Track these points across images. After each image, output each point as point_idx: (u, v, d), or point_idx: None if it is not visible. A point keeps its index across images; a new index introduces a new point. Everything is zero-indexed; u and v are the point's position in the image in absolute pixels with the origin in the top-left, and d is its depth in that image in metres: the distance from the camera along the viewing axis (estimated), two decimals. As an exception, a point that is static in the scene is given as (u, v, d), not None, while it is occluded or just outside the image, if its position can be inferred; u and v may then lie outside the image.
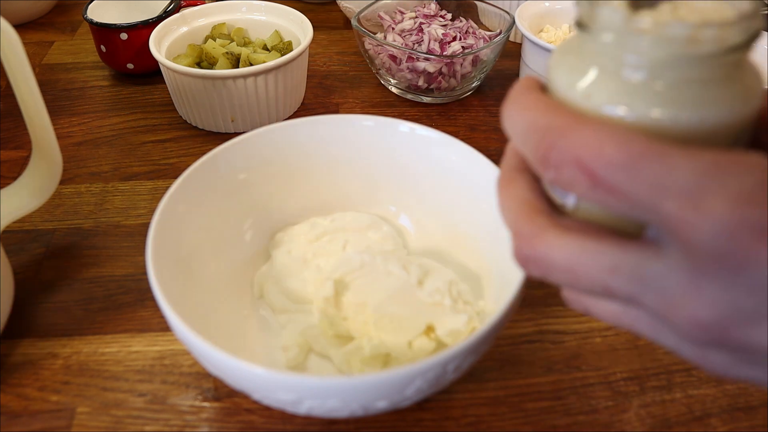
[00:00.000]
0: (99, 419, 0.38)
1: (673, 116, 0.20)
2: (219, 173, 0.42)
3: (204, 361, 0.33)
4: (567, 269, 0.21)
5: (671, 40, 0.20)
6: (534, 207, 0.23)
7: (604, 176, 0.19)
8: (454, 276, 0.41)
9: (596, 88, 0.21)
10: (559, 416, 0.38)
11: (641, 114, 0.20)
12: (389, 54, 0.63)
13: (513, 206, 0.23)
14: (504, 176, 0.25)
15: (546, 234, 0.22)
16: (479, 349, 0.32)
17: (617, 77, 0.21)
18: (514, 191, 0.24)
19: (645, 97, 0.20)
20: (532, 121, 0.21)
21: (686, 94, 0.20)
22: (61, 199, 0.53)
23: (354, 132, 0.45)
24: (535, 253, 0.22)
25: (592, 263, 0.21)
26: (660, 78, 0.20)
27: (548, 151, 0.20)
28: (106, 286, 0.46)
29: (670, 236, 0.19)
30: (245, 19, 0.67)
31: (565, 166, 0.20)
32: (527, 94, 0.22)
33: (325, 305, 0.39)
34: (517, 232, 0.23)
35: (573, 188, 0.20)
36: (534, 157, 0.21)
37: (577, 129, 0.20)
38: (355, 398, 0.30)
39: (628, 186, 0.19)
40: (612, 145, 0.19)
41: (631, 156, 0.19)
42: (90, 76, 0.70)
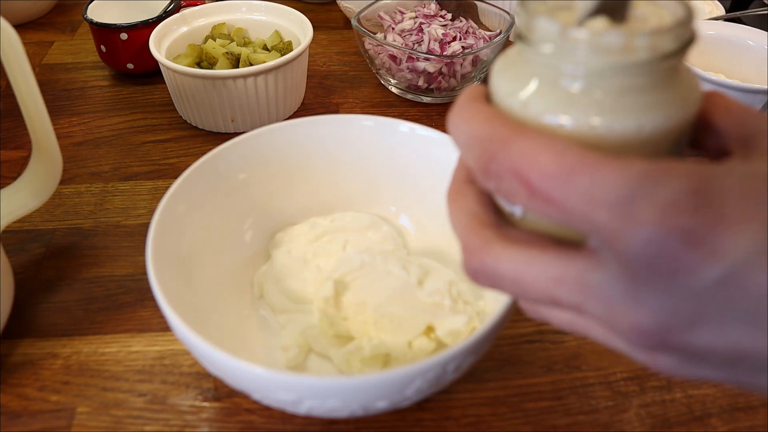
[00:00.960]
0: (99, 419, 0.38)
1: (609, 124, 0.20)
2: (219, 173, 0.42)
3: (204, 361, 0.33)
4: (514, 281, 0.22)
5: (605, 49, 0.20)
6: (481, 220, 0.23)
7: (540, 187, 0.20)
8: (454, 276, 0.41)
9: (535, 98, 0.22)
10: (559, 416, 0.38)
11: (579, 123, 0.21)
12: (389, 54, 0.63)
13: (461, 219, 0.24)
14: (453, 188, 0.25)
15: (493, 246, 0.22)
16: (479, 349, 0.32)
17: (556, 86, 0.21)
18: (462, 203, 0.24)
19: (582, 105, 0.21)
20: (474, 132, 0.21)
21: (623, 102, 0.21)
22: (61, 199, 0.53)
23: (354, 132, 0.45)
24: (483, 265, 0.22)
25: (537, 274, 0.21)
26: (596, 86, 0.21)
27: (489, 161, 0.21)
28: (106, 286, 0.46)
29: (606, 246, 0.20)
30: (245, 19, 0.67)
31: (504, 177, 0.20)
32: (470, 104, 0.22)
33: (325, 305, 0.39)
34: (465, 245, 0.23)
35: (513, 198, 0.21)
36: (476, 167, 0.22)
37: (516, 139, 0.20)
38: (355, 398, 0.30)
39: (563, 197, 0.19)
40: (547, 156, 0.19)
41: (564, 167, 0.19)
42: (90, 76, 0.70)
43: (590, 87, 0.21)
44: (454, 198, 0.25)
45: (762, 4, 0.75)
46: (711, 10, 0.72)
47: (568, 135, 0.21)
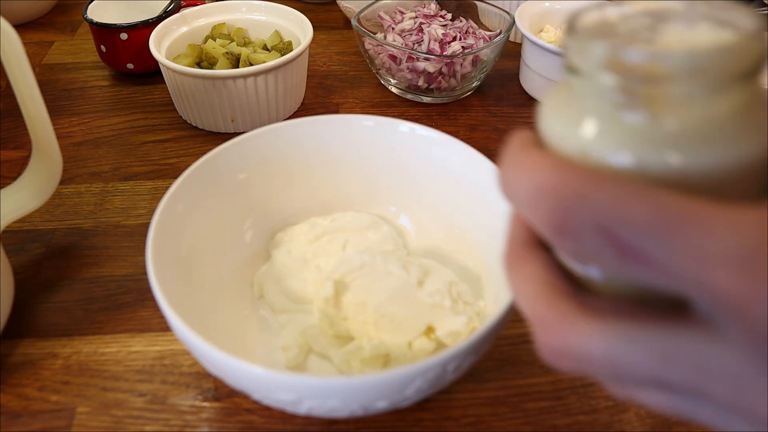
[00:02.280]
0: (99, 419, 0.38)
1: (689, 160, 0.17)
2: (219, 173, 0.42)
3: (204, 361, 0.33)
4: (608, 361, 0.18)
5: (691, 72, 0.17)
6: (554, 288, 0.20)
7: (634, 245, 0.16)
8: (454, 276, 0.41)
9: (598, 137, 0.19)
10: (559, 416, 0.38)
11: (656, 161, 0.17)
12: (389, 54, 0.63)
13: (529, 290, 0.20)
14: (512, 254, 0.21)
15: (575, 322, 0.18)
16: (479, 350, 0.32)
17: (622, 122, 0.18)
18: (527, 271, 0.20)
19: (652, 140, 0.18)
20: (539, 184, 0.18)
21: (704, 133, 0.17)
22: (61, 199, 0.53)
23: (354, 132, 0.45)
24: (566, 345, 0.18)
25: (638, 353, 0.17)
26: (667, 118, 0.18)
27: (564, 217, 0.17)
28: (106, 286, 0.46)
29: (725, 313, 0.16)
30: (245, 19, 0.67)
31: (586, 235, 0.17)
32: (525, 152, 0.19)
33: (325, 305, 0.39)
34: (538, 321, 0.19)
35: (598, 260, 0.17)
36: (547, 226, 0.18)
37: (595, 188, 0.17)
38: (355, 398, 0.30)
39: (665, 256, 0.16)
40: (640, 207, 0.16)
41: (663, 219, 0.16)
42: (90, 76, 0.70)
43: (659, 119, 0.18)
44: (515, 265, 0.21)
45: (762, 4, 0.75)
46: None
47: (645, 178, 0.18)
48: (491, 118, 0.64)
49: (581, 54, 0.19)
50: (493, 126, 0.63)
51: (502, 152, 0.20)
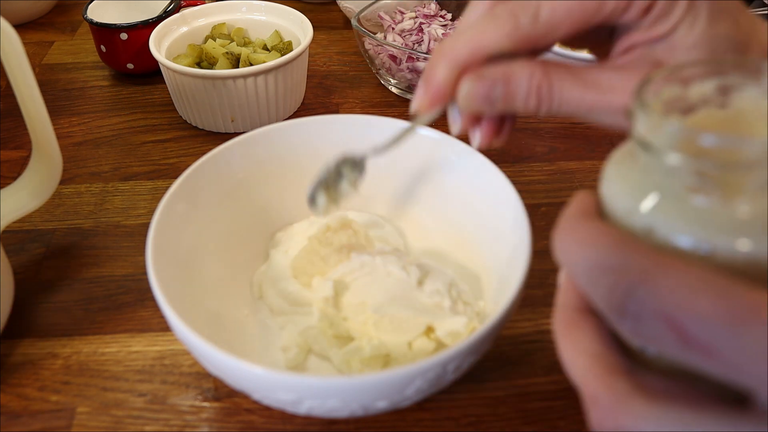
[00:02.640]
0: (99, 419, 0.38)
1: (759, 247, 0.17)
2: (219, 173, 0.42)
3: (204, 361, 0.33)
4: None
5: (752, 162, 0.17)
6: (608, 364, 0.19)
7: (699, 336, 0.16)
8: (454, 276, 0.41)
9: (665, 216, 0.18)
10: (559, 416, 0.38)
11: (724, 247, 0.17)
12: (389, 54, 0.63)
13: (582, 363, 0.20)
14: (564, 320, 0.21)
15: (631, 404, 0.18)
16: (479, 350, 0.32)
17: (692, 204, 0.18)
18: (580, 342, 0.20)
19: (723, 225, 0.17)
20: (600, 260, 0.18)
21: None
22: (61, 199, 0.53)
23: (354, 132, 0.45)
24: (620, 427, 0.18)
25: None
26: (741, 204, 0.17)
27: (625, 298, 0.17)
28: (106, 286, 0.46)
29: None
30: (245, 19, 0.67)
31: (647, 319, 0.17)
32: (585, 223, 0.19)
33: (325, 305, 0.39)
34: (592, 399, 0.19)
35: (656, 344, 0.17)
36: (606, 304, 0.18)
37: (660, 274, 0.16)
38: (355, 398, 0.30)
39: (730, 350, 0.16)
40: (707, 299, 0.16)
41: (732, 315, 0.16)
42: (90, 76, 0.70)
43: (739, 204, 0.17)
44: (568, 333, 0.21)
45: (762, 4, 0.75)
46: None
47: (709, 261, 0.17)
48: (491, 118, 0.64)
49: (653, 130, 0.18)
50: (493, 126, 0.62)
51: (561, 216, 0.19)
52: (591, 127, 0.62)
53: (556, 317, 0.22)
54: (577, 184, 0.54)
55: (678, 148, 0.18)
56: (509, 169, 0.42)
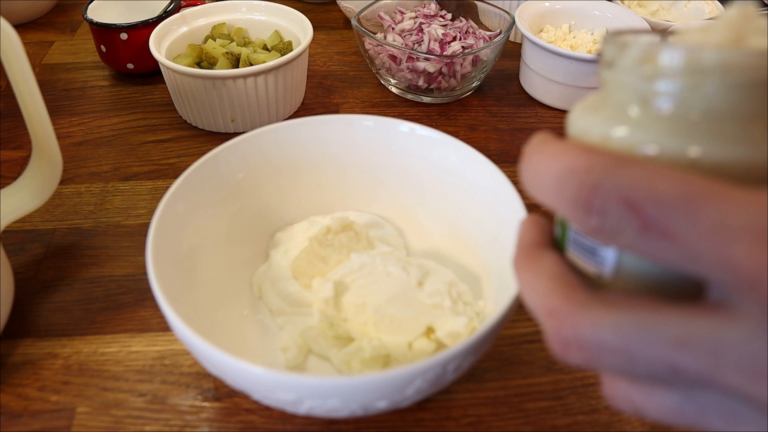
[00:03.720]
0: (99, 419, 0.38)
1: (708, 152, 0.18)
2: (219, 173, 0.42)
3: (204, 361, 0.33)
4: (621, 350, 0.18)
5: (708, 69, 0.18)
6: (566, 281, 0.20)
7: (658, 217, 0.17)
8: (454, 277, 0.41)
9: (626, 129, 0.20)
10: (559, 416, 0.38)
11: (674, 150, 0.18)
12: (389, 54, 0.63)
13: (541, 283, 0.20)
14: (522, 254, 0.22)
15: (588, 309, 0.18)
16: (479, 350, 0.32)
17: (645, 112, 0.20)
18: (540, 267, 0.21)
19: (677, 132, 0.19)
20: (567, 165, 0.18)
21: (728, 127, 0.18)
22: (61, 199, 0.53)
23: (354, 132, 0.45)
24: (579, 334, 0.18)
25: (652, 338, 0.17)
26: (699, 112, 0.19)
27: (591, 193, 0.17)
28: (106, 286, 0.46)
29: (744, 292, 0.16)
30: (245, 19, 0.67)
31: (611, 209, 0.17)
32: (551, 143, 0.19)
33: (325, 306, 0.39)
34: (550, 311, 0.19)
35: (620, 235, 0.17)
36: (572, 204, 0.18)
37: (624, 166, 0.17)
38: (356, 398, 0.30)
39: (686, 229, 0.16)
40: (666, 181, 0.17)
41: (688, 194, 0.16)
42: (90, 76, 0.70)
43: (693, 111, 0.19)
44: (526, 263, 0.21)
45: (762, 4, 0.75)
46: (711, 10, 0.72)
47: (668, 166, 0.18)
48: (491, 118, 0.64)
49: (620, 49, 0.20)
50: (493, 126, 0.63)
51: (526, 146, 0.20)
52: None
53: (515, 256, 0.22)
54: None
55: (640, 61, 0.20)
56: (509, 169, 0.42)
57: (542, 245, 0.22)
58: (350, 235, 0.43)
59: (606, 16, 0.68)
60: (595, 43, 0.66)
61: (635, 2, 0.74)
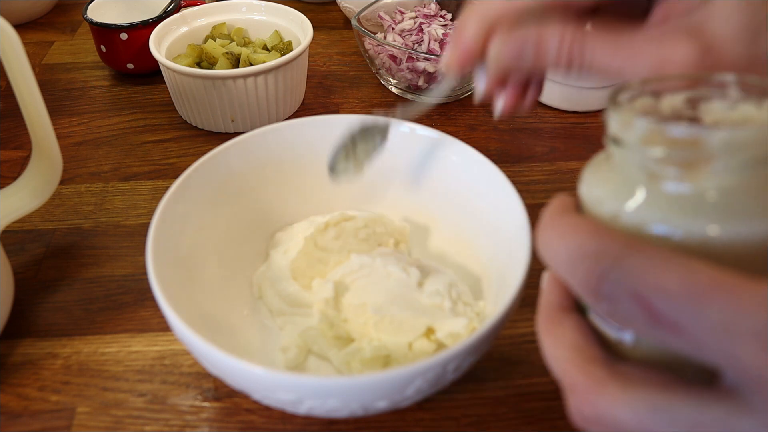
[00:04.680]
0: (99, 419, 0.38)
1: (723, 230, 0.18)
2: (219, 173, 0.42)
3: (204, 361, 0.33)
4: (637, 429, 0.18)
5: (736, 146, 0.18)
6: (586, 354, 0.20)
7: (666, 313, 0.17)
8: (454, 277, 0.41)
9: (637, 206, 0.19)
10: (559, 416, 0.38)
11: (694, 232, 0.18)
12: (389, 54, 0.63)
13: (563, 355, 0.21)
14: (546, 317, 0.22)
15: (606, 388, 0.19)
16: (479, 350, 0.32)
17: (661, 192, 0.19)
18: (560, 334, 0.21)
19: (688, 210, 0.19)
20: (577, 248, 0.19)
21: (740, 204, 0.18)
22: (61, 199, 0.53)
23: (354, 132, 0.45)
24: (597, 412, 0.19)
25: (667, 421, 0.18)
26: (706, 190, 0.18)
27: (600, 281, 0.18)
28: (106, 286, 0.46)
29: (752, 385, 0.17)
30: (245, 19, 0.67)
31: (620, 300, 0.18)
32: (564, 217, 0.20)
33: (326, 306, 0.39)
34: (571, 386, 0.20)
35: (630, 324, 0.18)
36: (583, 288, 0.19)
37: (631, 255, 0.18)
38: (356, 398, 0.30)
39: (694, 325, 0.17)
40: (673, 276, 0.17)
41: (695, 289, 0.16)
42: (90, 76, 0.70)
43: (701, 192, 0.18)
44: (550, 328, 0.22)
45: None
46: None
47: (680, 247, 0.18)
48: (491, 118, 0.64)
49: (624, 127, 0.20)
50: (493, 126, 0.63)
51: (542, 215, 0.21)
52: (591, 127, 0.62)
53: (539, 317, 0.23)
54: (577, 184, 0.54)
55: (647, 141, 0.19)
56: (509, 169, 0.42)
57: (565, 308, 0.22)
58: (348, 234, 0.43)
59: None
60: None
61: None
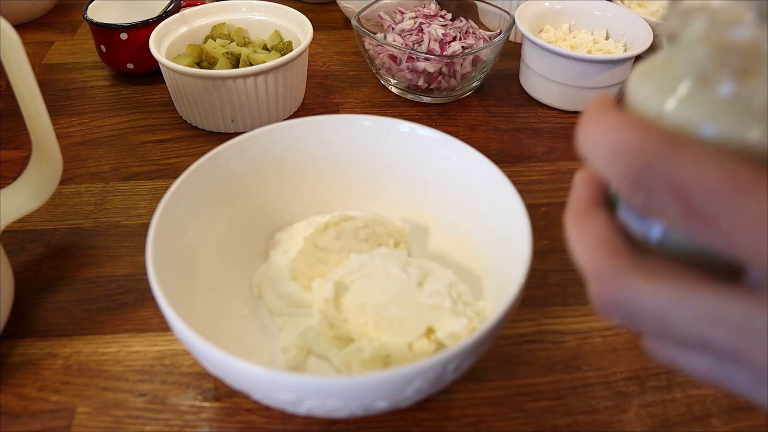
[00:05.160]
0: (99, 419, 0.38)
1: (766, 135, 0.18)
2: (219, 173, 0.42)
3: (204, 361, 0.33)
4: (657, 318, 0.19)
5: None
6: (613, 246, 0.21)
7: (703, 206, 0.17)
8: (454, 277, 0.41)
9: (681, 103, 0.20)
10: (559, 416, 0.38)
11: (733, 134, 0.19)
12: (389, 54, 0.63)
13: (589, 244, 0.21)
14: (576, 211, 0.23)
15: (630, 277, 0.20)
16: (479, 350, 0.32)
17: (705, 91, 0.19)
18: (590, 228, 0.22)
19: (736, 113, 0.19)
20: (620, 141, 0.19)
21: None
22: (61, 199, 0.53)
23: (354, 132, 0.45)
24: (621, 297, 0.20)
25: (687, 312, 0.19)
26: (760, 96, 0.19)
27: (640, 172, 0.18)
28: (106, 286, 0.46)
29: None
30: (245, 19, 0.67)
31: (657, 191, 0.18)
32: (608, 113, 0.20)
33: (325, 306, 0.39)
34: (596, 273, 0.21)
35: (663, 215, 0.19)
36: (622, 180, 0.19)
37: (675, 150, 0.18)
38: (356, 398, 0.30)
39: (729, 220, 0.17)
40: (714, 171, 0.17)
41: (734, 187, 0.17)
42: (90, 76, 0.70)
43: (754, 93, 0.19)
44: (577, 222, 0.22)
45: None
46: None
47: (722, 148, 0.19)
48: (491, 118, 0.64)
49: (684, 24, 0.20)
50: (493, 126, 0.63)
51: (584, 110, 0.21)
52: (591, 127, 0.62)
53: (567, 212, 0.23)
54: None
55: (705, 41, 0.19)
56: (509, 169, 0.42)
57: (594, 204, 0.22)
58: (348, 234, 0.43)
59: (606, 16, 0.68)
60: (595, 43, 0.65)
61: (635, 2, 0.74)
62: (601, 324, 0.43)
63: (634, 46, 0.63)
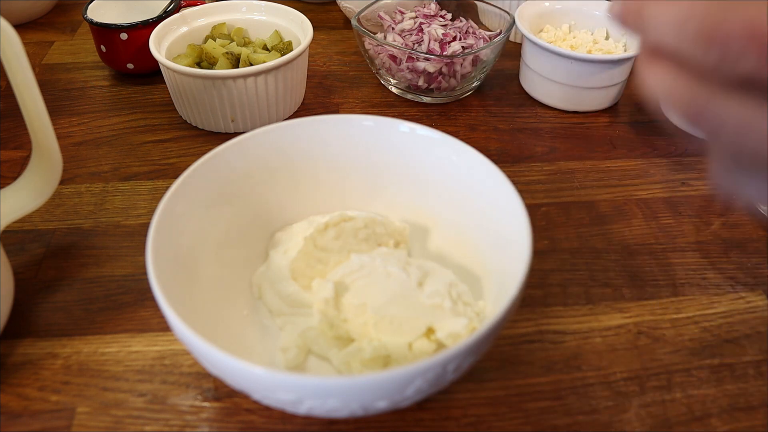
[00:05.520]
0: (99, 419, 0.38)
1: None
2: (219, 173, 0.42)
3: (204, 361, 0.33)
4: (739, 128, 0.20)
5: None
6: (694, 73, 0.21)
7: None
8: (454, 277, 0.41)
9: None
10: (559, 416, 0.38)
11: None
12: (389, 54, 0.63)
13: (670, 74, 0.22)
14: (650, 54, 0.23)
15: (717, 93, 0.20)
16: (479, 350, 0.32)
17: None
18: (666, 64, 0.22)
19: None
20: (687, 7, 0.20)
21: None
22: (61, 199, 0.53)
23: (354, 132, 0.45)
24: (709, 107, 0.21)
25: None
26: None
27: (715, 27, 0.19)
28: (106, 286, 0.46)
29: None
30: (245, 19, 0.67)
31: (733, 40, 0.19)
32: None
33: (325, 306, 0.39)
34: (683, 90, 0.21)
35: (741, 64, 0.19)
36: (696, 39, 0.20)
37: (749, 2, 0.18)
38: (356, 398, 0.30)
39: None
40: None
41: None
42: (90, 76, 0.70)
43: None
44: (654, 60, 0.22)
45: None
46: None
47: None
48: (491, 118, 0.64)
49: None
50: (493, 126, 0.63)
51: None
52: (591, 127, 0.62)
53: (639, 57, 0.23)
54: (577, 184, 0.54)
55: None
56: (509, 169, 0.42)
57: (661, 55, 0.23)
58: (348, 234, 0.43)
59: (606, 16, 0.68)
60: (595, 43, 0.65)
61: None
62: (601, 324, 0.43)
63: (634, 46, 0.63)
